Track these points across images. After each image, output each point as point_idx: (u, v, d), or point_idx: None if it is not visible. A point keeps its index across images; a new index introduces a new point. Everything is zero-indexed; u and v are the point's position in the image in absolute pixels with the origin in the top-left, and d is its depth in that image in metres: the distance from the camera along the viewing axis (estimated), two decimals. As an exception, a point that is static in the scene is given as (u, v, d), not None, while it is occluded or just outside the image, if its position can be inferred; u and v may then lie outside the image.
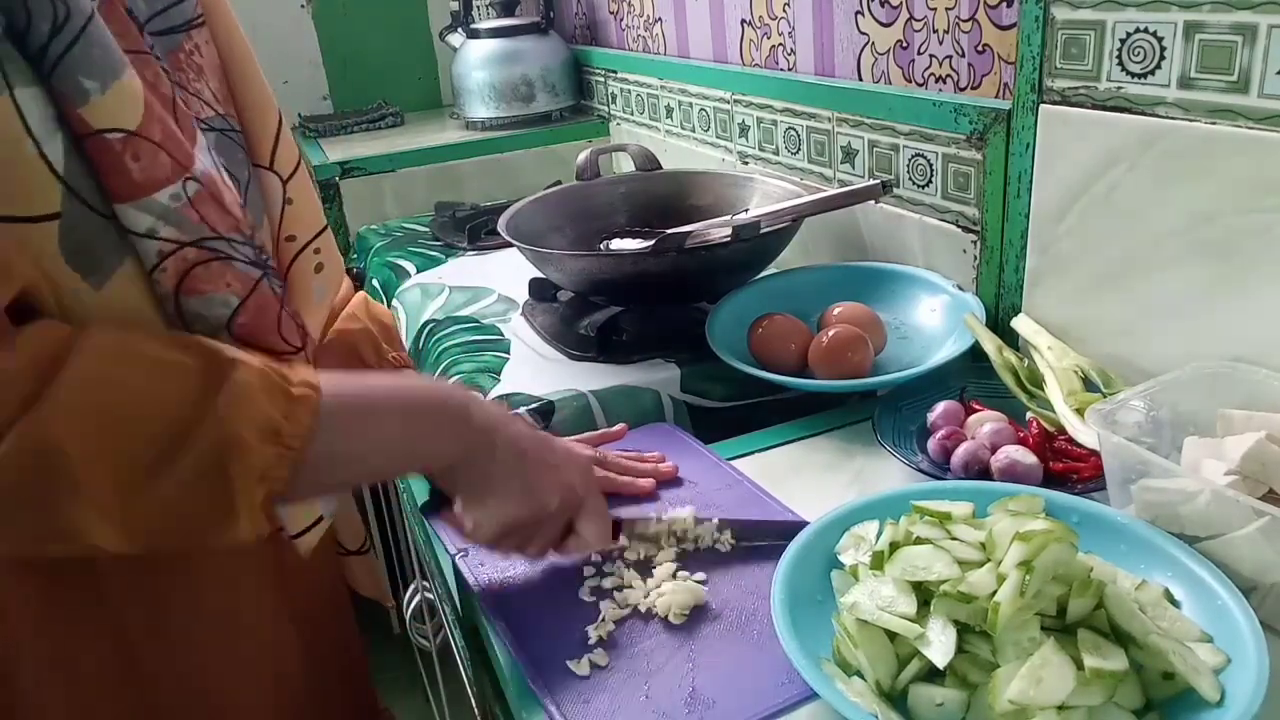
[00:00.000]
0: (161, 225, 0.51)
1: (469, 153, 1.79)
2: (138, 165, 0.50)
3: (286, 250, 0.66)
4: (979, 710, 0.50)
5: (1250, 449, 0.58)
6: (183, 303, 0.53)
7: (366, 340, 0.77)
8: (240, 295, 0.55)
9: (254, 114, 0.64)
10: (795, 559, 0.60)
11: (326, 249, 0.69)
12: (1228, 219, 0.68)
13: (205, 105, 0.60)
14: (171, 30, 0.58)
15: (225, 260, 0.55)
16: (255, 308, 0.56)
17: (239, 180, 0.61)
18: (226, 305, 0.55)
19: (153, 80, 0.53)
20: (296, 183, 0.66)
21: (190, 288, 0.53)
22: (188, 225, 0.52)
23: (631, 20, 1.73)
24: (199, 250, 0.53)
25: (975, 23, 0.94)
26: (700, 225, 1.08)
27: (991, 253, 0.92)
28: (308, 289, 0.68)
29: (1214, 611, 0.54)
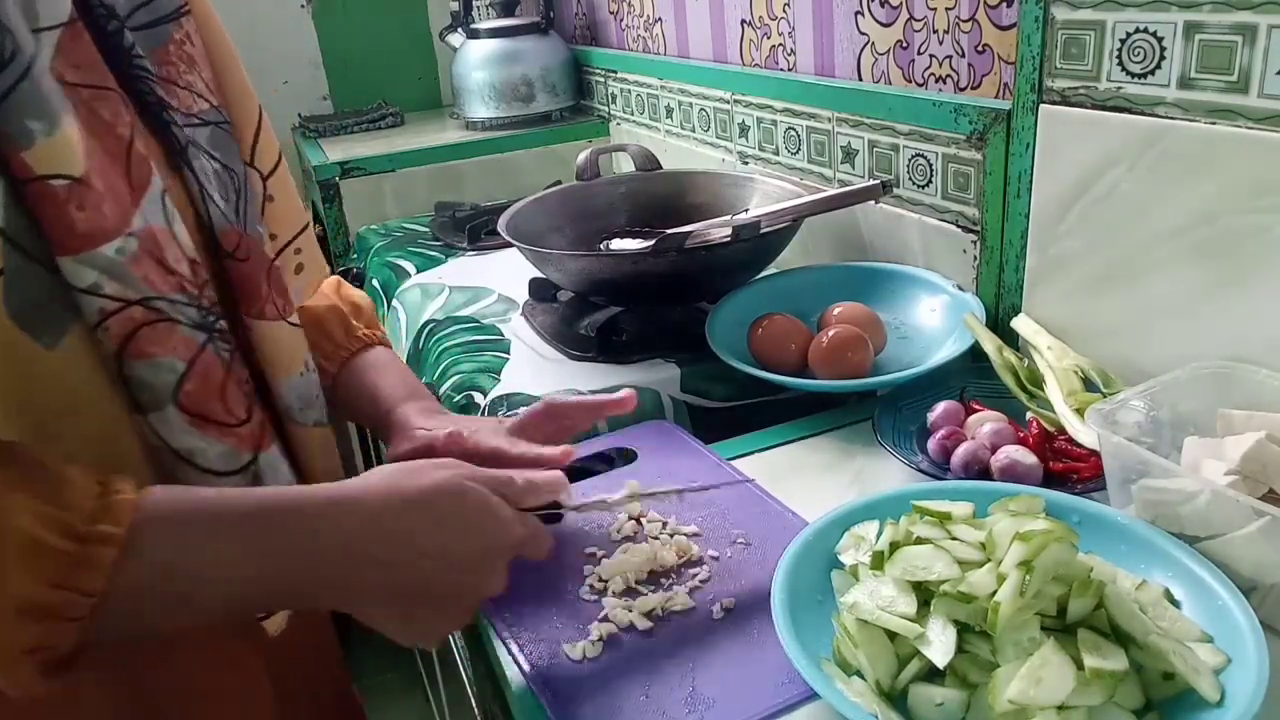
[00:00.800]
0: (106, 281, 0.48)
1: (469, 153, 1.80)
2: (82, 215, 0.46)
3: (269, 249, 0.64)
4: (979, 710, 0.50)
5: (1250, 449, 0.58)
6: (127, 367, 0.49)
7: (334, 316, 0.75)
8: (186, 359, 0.51)
9: (235, 108, 0.62)
10: (795, 559, 0.60)
11: (307, 248, 0.68)
12: (1228, 219, 0.68)
13: (198, 98, 0.58)
14: (160, 20, 0.56)
15: (171, 322, 0.51)
16: (201, 374, 0.53)
17: (236, 174, 0.60)
18: (173, 371, 0.51)
19: (111, 119, 0.50)
20: (277, 179, 0.65)
21: (137, 350, 0.49)
22: (133, 282, 0.49)
23: (631, 20, 1.73)
24: (145, 310, 0.49)
25: (975, 23, 0.94)
26: (700, 225, 1.08)
27: (991, 253, 0.92)
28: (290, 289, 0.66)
29: (1214, 611, 0.54)
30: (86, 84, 0.49)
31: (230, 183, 0.60)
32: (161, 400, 0.51)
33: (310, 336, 0.72)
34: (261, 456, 0.56)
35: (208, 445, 0.53)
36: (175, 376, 0.51)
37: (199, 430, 0.52)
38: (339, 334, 0.75)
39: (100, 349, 0.49)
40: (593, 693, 0.56)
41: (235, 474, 0.55)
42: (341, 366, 0.75)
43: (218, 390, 0.54)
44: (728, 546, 0.68)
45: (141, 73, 0.55)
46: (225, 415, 0.54)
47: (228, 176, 0.59)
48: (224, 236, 0.59)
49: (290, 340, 0.63)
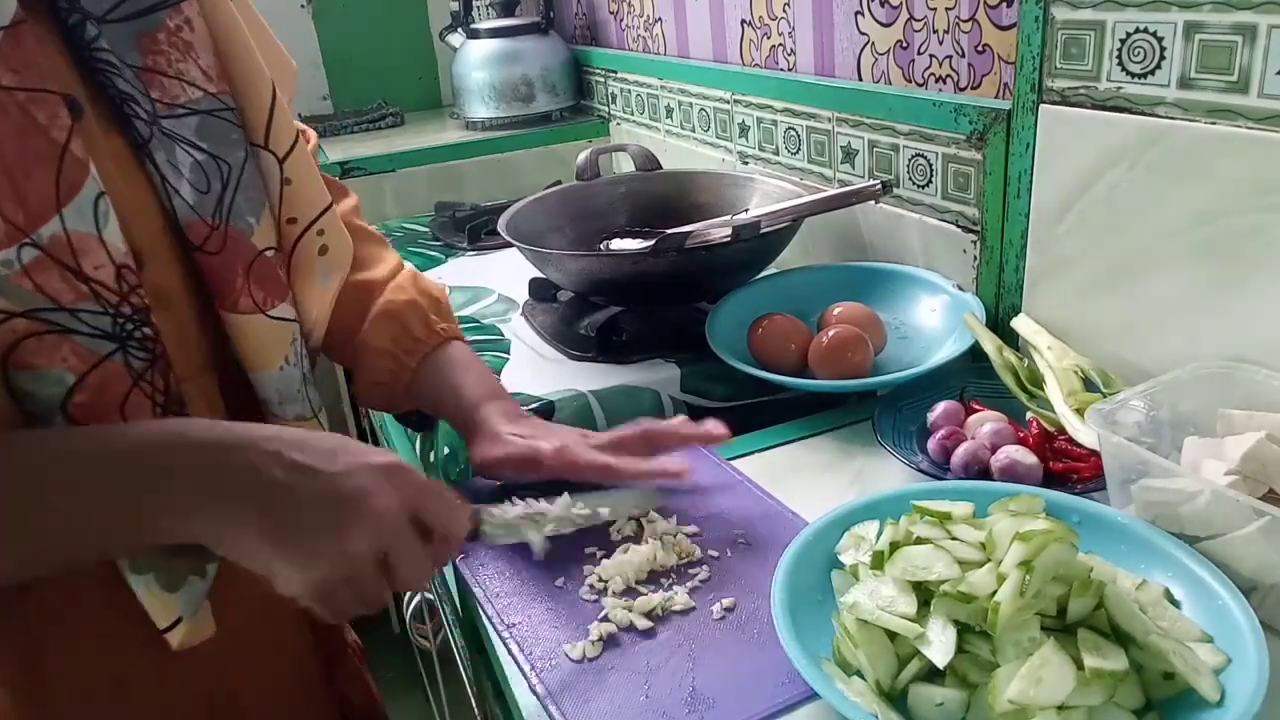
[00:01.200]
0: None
1: (469, 153, 1.80)
2: None
3: (288, 233, 0.64)
4: (979, 710, 0.50)
5: (1250, 449, 0.58)
6: (11, 378, 0.49)
7: (413, 311, 0.76)
8: (79, 371, 0.51)
9: (245, 90, 0.61)
10: (795, 559, 0.60)
11: (331, 229, 0.67)
12: (1228, 219, 0.68)
13: (188, 86, 0.57)
14: (152, 8, 0.55)
15: (63, 333, 0.50)
16: (96, 385, 0.52)
17: (228, 163, 0.59)
18: (60, 383, 0.50)
19: (46, 122, 0.49)
20: (294, 161, 0.63)
21: (19, 361, 0.49)
22: (18, 294, 0.48)
23: (631, 20, 1.73)
24: (30, 321, 0.49)
25: (975, 23, 0.94)
26: (700, 225, 1.08)
27: (991, 253, 0.92)
28: (313, 273, 0.66)
29: (1214, 611, 0.54)
30: (23, 87, 0.48)
31: (217, 172, 0.59)
32: (48, 411, 0.51)
33: (390, 331, 0.74)
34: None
35: None
36: (63, 389, 0.51)
37: None
38: (419, 329, 0.76)
39: None
40: (593, 693, 0.56)
41: None
42: (422, 361, 0.76)
43: (116, 402, 0.53)
44: (728, 546, 0.68)
45: (104, 65, 0.54)
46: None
47: (214, 166, 0.58)
48: (189, 230, 0.58)
49: (270, 333, 0.63)
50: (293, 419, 0.65)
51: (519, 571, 0.68)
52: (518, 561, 0.68)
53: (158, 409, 0.54)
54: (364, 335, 0.75)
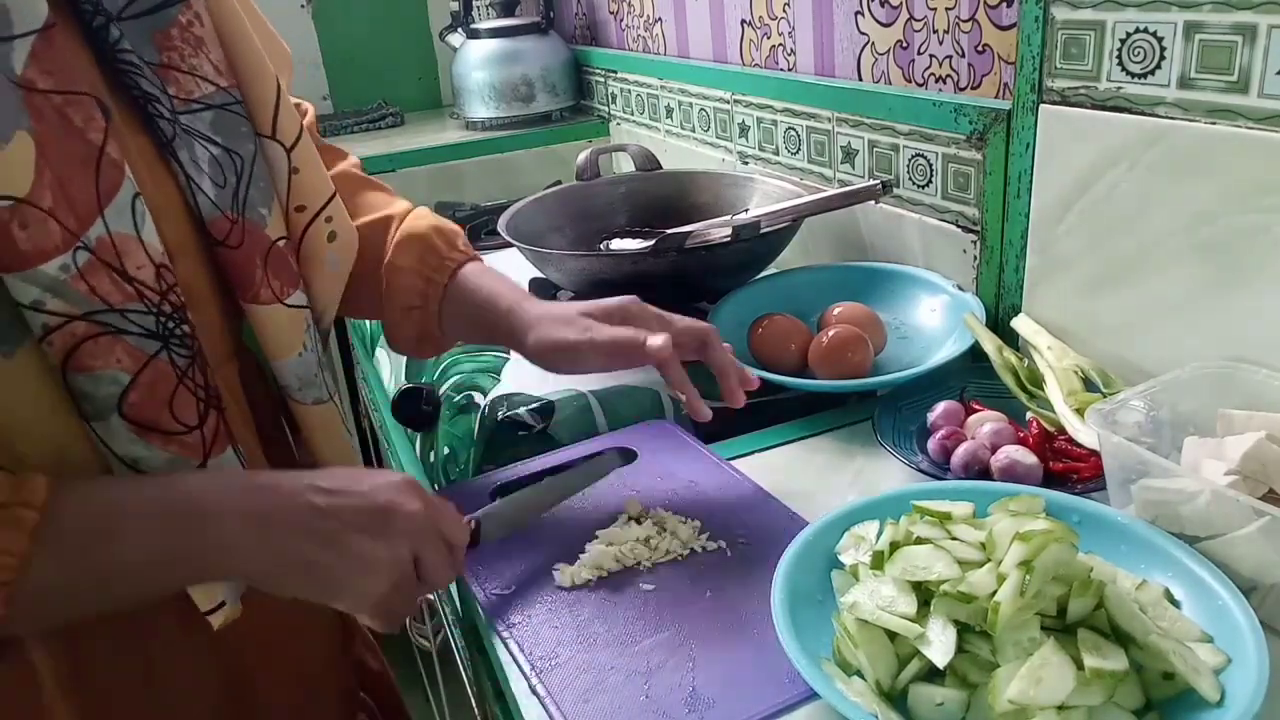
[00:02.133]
0: (49, 298, 0.48)
1: (469, 153, 1.80)
2: (25, 234, 0.47)
3: (297, 220, 0.65)
4: (979, 710, 0.50)
5: (1250, 449, 0.58)
6: (70, 379, 0.50)
7: (437, 234, 0.77)
8: (131, 371, 0.52)
9: (251, 82, 0.61)
10: (795, 559, 0.60)
11: (338, 215, 0.68)
12: (1228, 219, 0.68)
13: (202, 82, 0.58)
14: (161, 5, 0.56)
15: (115, 334, 0.51)
16: (147, 384, 0.53)
17: (241, 157, 0.60)
18: (116, 383, 0.52)
19: (82, 125, 0.50)
20: (301, 150, 0.65)
21: (78, 364, 0.50)
22: (76, 298, 0.49)
23: (631, 20, 1.73)
24: (88, 324, 0.50)
25: (975, 23, 0.94)
26: (700, 225, 1.09)
27: (991, 253, 0.92)
28: (321, 259, 0.67)
29: (1214, 611, 0.54)
30: (59, 90, 0.48)
31: (231, 166, 0.60)
32: (104, 411, 0.52)
33: (416, 250, 0.76)
34: (210, 462, 0.56)
35: (151, 454, 0.53)
36: (119, 388, 0.52)
37: (144, 439, 0.53)
38: (444, 248, 0.77)
39: (47, 362, 0.50)
40: (593, 693, 0.56)
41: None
42: (451, 278, 0.77)
43: (165, 400, 0.54)
44: (728, 546, 0.68)
45: (127, 66, 0.55)
46: (173, 424, 0.54)
47: (228, 160, 0.59)
48: (213, 226, 0.59)
49: (288, 322, 0.64)
50: (312, 402, 0.67)
51: (519, 572, 0.68)
52: (518, 562, 0.69)
53: (200, 404, 0.56)
54: (391, 260, 0.76)
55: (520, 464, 0.83)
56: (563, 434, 0.88)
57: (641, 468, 0.80)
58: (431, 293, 0.76)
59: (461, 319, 0.77)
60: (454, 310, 0.77)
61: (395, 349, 0.81)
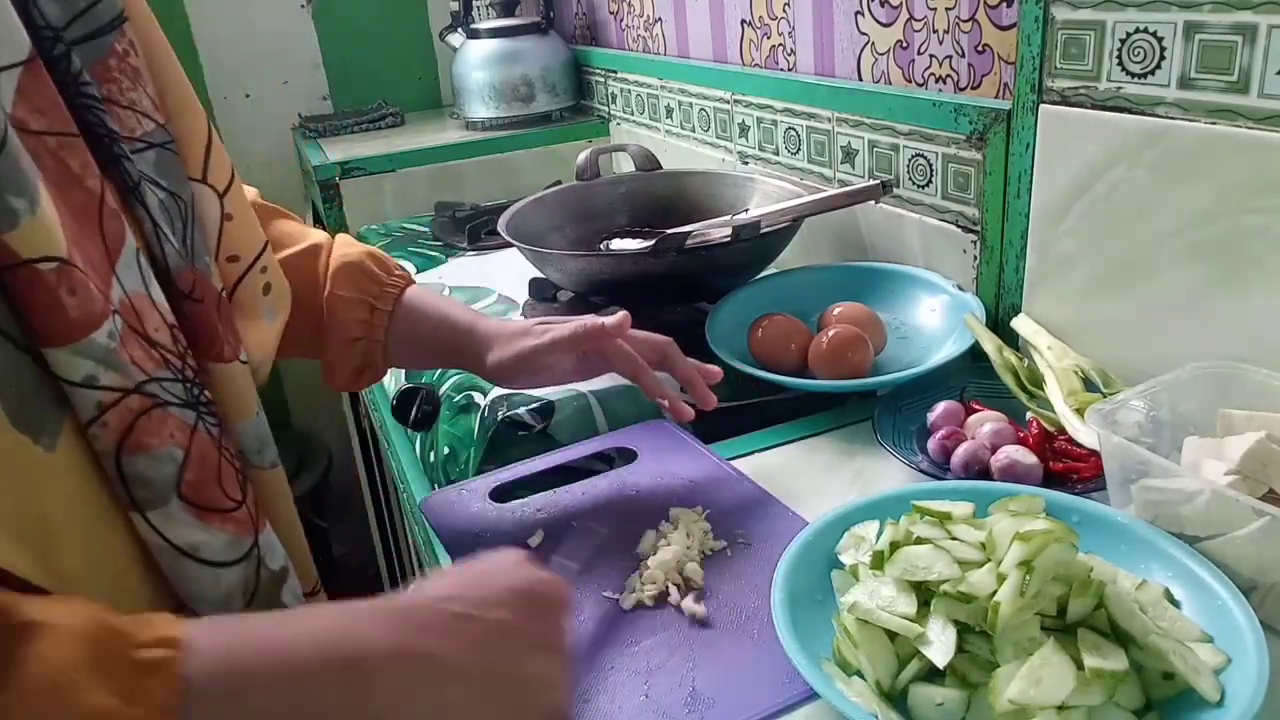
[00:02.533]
0: (101, 370, 0.42)
1: (469, 153, 1.79)
2: (74, 300, 0.41)
3: (230, 271, 0.59)
4: (979, 710, 0.50)
5: (1250, 449, 0.58)
6: (127, 464, 0.44)
7: (372, 259, 0.75)
8: (184, 446, 0.46)
9: (182, 119, 0.55)
10: (795, 559, 0.60)
11: (272, 266, 0.63)
12: (1228, 219, 0.68)
13: (143, 118, 0.52)
14: (98, 32, 0.49)
15: (164, 406, 0.46)
16: (198, 459, 0.47)
17: (184, 200, 0.54)
18: (173, 461, 0.46)
19: (80, 171, 0.44)
20: (233, 196, 0.59)
21: (136, 444, 0.44)
22: (126, 369, 0.43)
23: (631, 20, 1.73)
24: (142, 397, 0.44)
25: (975, 23, 0.94)
26: (700, 225, 1.09)
27: (991, 253, 0.92)
28: (257, 311, 0.61)
29: (1214, 611, 0.54)
30: (51, 131, 0.43)
31: (177, 211, 0.53)
32: (164, 495, 0.46)
33: (355, 282, 0.73)
34: (260, 538, 0.52)
35: (211, 537, 0.48)
36: (175, 467, 0.46)
37: (202, 521, 0.47)
38: (382, 275, 0.75)
39: (97, 445, 0.43)
40: (593, 693, 0.56)
41: (240, 562, 0.50)
42: (395, 304, 0.75)
43: (215, 473, 0.49)
44: (728, 546, 0.68)
45: (89, 101, 0.48)
46: (224, 500, 0.49)
47: (174, 205, 0.53)
48: (179, 278, 0.52)
49: (245, 381, 0.58)
50: (269, 466, 0.60)
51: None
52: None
53: (239, 476, 0.51)
54: (330, 290, 0.73)
55: (520, 464, 0.83)
56: (563, 434, 0.88)
57: (641, 468, 0.80)
58: (377, 321, 0.74)
59: (410, 344, 0.75)
60: (402, 336, 0.74)
61: (332, 385, 0.78)
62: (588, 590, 0.65)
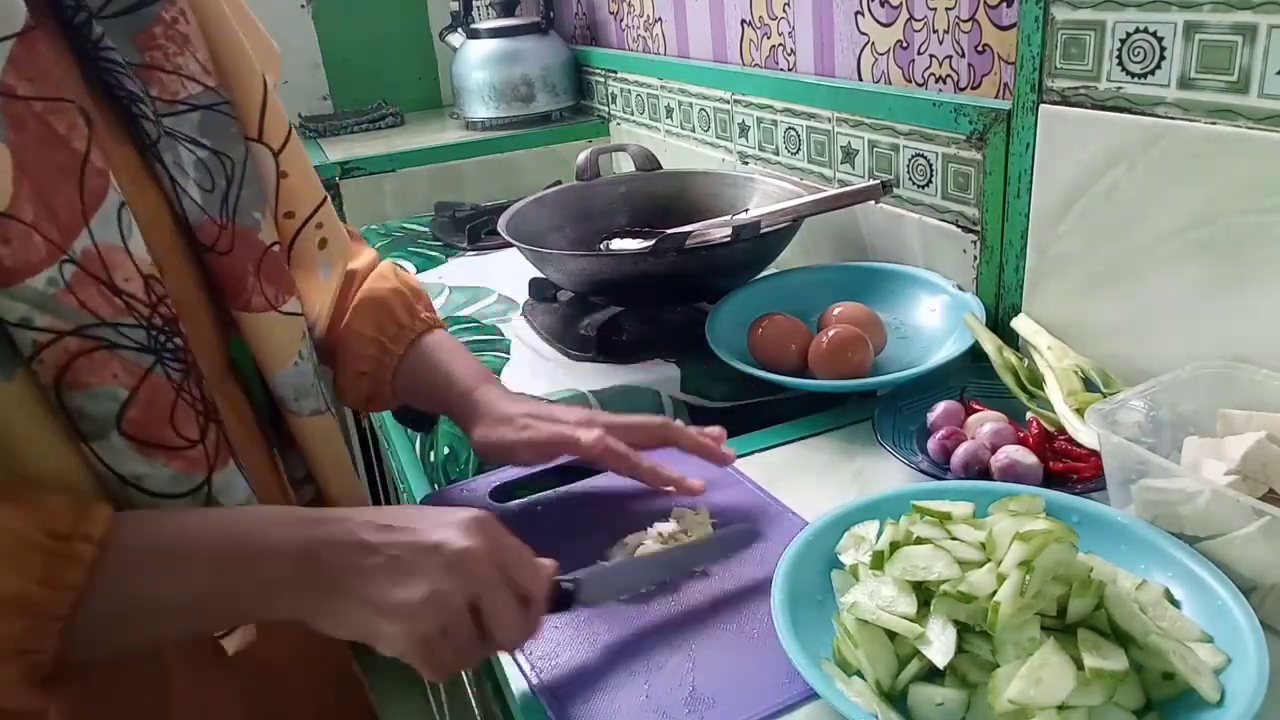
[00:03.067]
0: (37, 314, 0.46)
1: (469, 153, 1.79)
2: (8, 250, 0.45)
3: (286, 228, 0.63)
4: (979, 710, 0.50)
5: (1250, 449, 0.58)
6: (65, 397, 0.48)
7: (397, 298, 0.76)
8: (129, 386, 0.50)
9: (236, 83, 0.59)
10: (795, 559, 0.60)
11: (329, 222, 0.66)
12: (1228, 219, 0.68)
13: (188, 81, 0.56)
14: (139, 5, 0.54)
15: (110, 349, 0.49)
16: (146, 399, 0.51)
17: (231, 159, 0.58)
18: (114, 399, 0.49)
19: (65, 133, 0.48)
20: (289, 154, 0.63)
21: (73, 381, 0.48)
22: (66, 312, 0.47)
23: (631, 20, 1.73)
24: (80, 339, 0.48)
25: (975, 23, 0.94)
26: (700, 225, 1.09)
27: (991, 253, 0.92)
28: (313, 266, 0.65)
29: (1214, 611, 0.54)
30: (41, 96, 0.46)
31: (220, 169, 0.58)
32: (104, 429, 0.50)
33: (375, 318, 0.74)
34: (215, 477, 0.55)
35: (154, 470, 0.52)
36: (117, 405, 0.50)
37: (145, 455, 0.51)
38: (404, 316, 0.75)
39: (39, 381, 0.48)
40: (593, 693, 0.56)
41: (186, 495, 0.54)
42: (408, 348, 0.75)
43: (166, 414, 0.52)
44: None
45: (109, 64, 0.53)
46: (175, 439, 0.53)
47: (216, 163, 0.58)
48: (200, 231, 0.57)
49: (283, 330, 0.62)
50: (310, 414, 0.65)
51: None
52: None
53: (200, 418, 0.54)
54: (348, 323, 0.74)
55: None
56: (563, 434, 0.88)
57: (641, 468, 0.80)
58: (386, 360, 0.75)
59: (416, 389, 0.76)
60: (408, 380, 0.75)
61: (343, 403, 0.79)
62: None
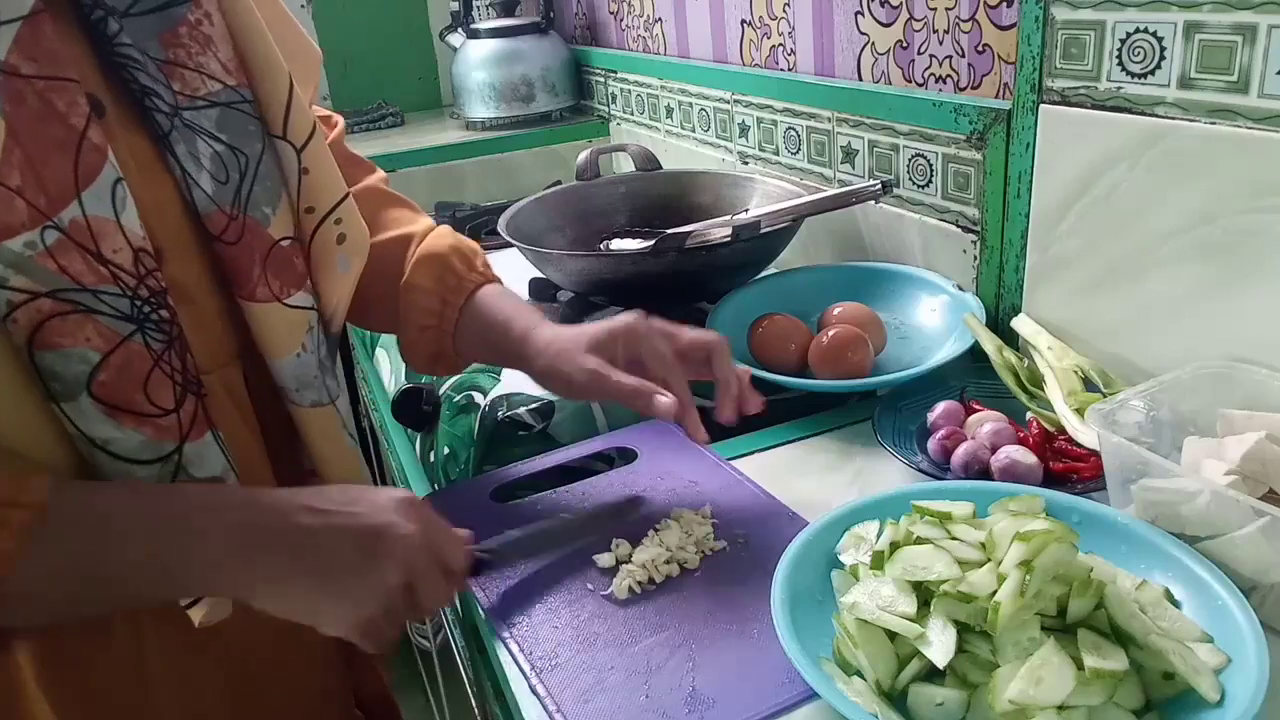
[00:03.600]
0: (11, 274, 0.49)
1: (469, 153, 1.80)
2: None
3: (307, 222, 0.65)
4: (979, 710, 0.50)
5: (1250, 449, 0.58)
6: (36, 357, 0.50)
7: (455, 254, 0.77)
8: (102, 350, 0.52)
9: (262, 81, 0.62)
10: (795, 559, 0.60)
11: (349, 217, 0.68)
12: (1228, 219, 0.68)
13: (208, 79, 0.58)
14: (170, 4, 0.57)
15: (86, 313, 0.51)
16: (119, 365, 0.53)
17: (246, 155, 0.60)
18: (85, 361, 0.51)
19: (64, 109, 0.50)
20: (312, 151, 0.64)
21: (44, 341, 0.50)
22: (42, 275, 0.49)
23: (631, 20, 1.73)
24: (55, 301, 0.50)
25: (975, 23, 0.94)
26: (700, 225, 1.08)
27: (991, 253, 0.92)
28: (331, 261, 0.67)
29: (1214, 611, 0.54)
30: (41, 75, 0.49)
31: (235, 163, 0.60)
32: (74, 390, 0.52)
33: (434, 270, 0.76)
34: (187, 447, 0.57)
35: (124, 435, 0.54)
36: (88, 367, 0.52)
37: (115, 420, 0.53)
38: (462, 269, 0.77)
39: (12, 340, 0.50)
40: (593, 693, 0.56)
41: (155, 462, 0.56)
42: (467, 299, 0.77)
43: (139, 381, 0.54)
44: (728, 546, 0.68)
45: (124, 60, 0.56)
46: (147, 406, 0.54)
47: (231, 157, 0.60)
48: (209, 220, 0.60)
49: (285, 322, 0.64)
50: (310, 405, 0.67)
51: (519, 572, 0.68)
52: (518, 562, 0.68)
53: (177, 388, 0.56)
54: (408, 279, 0.77)
55: (520, 464, 0.83)
56: (563, 434, 0.88)
57: (641, 468, 0.80)
58: (447, 313, 0.76)
59: (476, 340, 0.77)
60: (469, 331, 0.77)
61: (411, 366, 0.81)
62: (575, 587, 0.65)
